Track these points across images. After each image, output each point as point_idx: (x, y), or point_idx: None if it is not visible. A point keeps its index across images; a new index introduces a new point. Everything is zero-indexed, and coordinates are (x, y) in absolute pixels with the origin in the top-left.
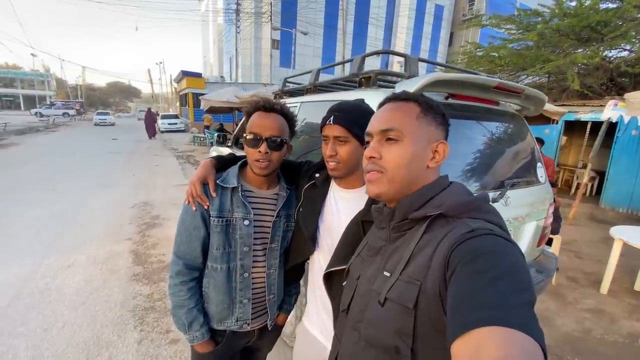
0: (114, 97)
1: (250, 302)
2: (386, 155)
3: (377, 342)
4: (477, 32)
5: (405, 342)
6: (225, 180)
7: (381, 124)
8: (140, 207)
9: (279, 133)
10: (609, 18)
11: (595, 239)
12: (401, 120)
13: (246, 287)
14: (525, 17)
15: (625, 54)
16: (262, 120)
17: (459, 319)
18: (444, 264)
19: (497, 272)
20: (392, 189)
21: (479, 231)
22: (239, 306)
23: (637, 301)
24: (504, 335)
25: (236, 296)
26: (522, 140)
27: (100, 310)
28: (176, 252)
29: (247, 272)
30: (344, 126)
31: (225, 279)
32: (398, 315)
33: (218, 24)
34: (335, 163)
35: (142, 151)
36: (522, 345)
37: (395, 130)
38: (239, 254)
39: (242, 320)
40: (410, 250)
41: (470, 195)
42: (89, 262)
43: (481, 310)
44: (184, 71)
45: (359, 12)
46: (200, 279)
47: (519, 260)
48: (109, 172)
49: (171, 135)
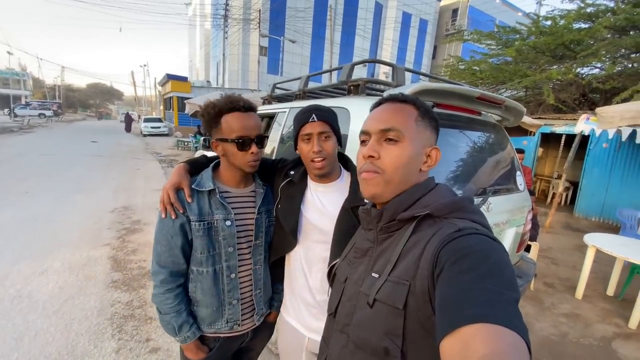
0: (95, 98)
1: (240, 302)
2: (385, 156)
3: (366, 344)
4: (460, 46)
5: (395, 342)
6: (200, 184)
7: (381, 124)
8: (120, 211)
9: (262, 130)
10: (581, 37)
11: (569, 246)
12: (402, 121)
13: (234, 287)
14: (505, 34)
15: (597, 71)
16: (245, 121)
17: (447, 318)
18: (432, 263)
19: (483, 271)
20: (388, 191)
21: (466, 230)
22: (229, 307)
23: (610, 306)
24: (491, 332)
25: (225, 298)
26: (503, 150)
27: (75, 318)
28: (158, 261)
29: (234, 272)
30: (327, 122)
31: (212, 281)
32: (387, 316)
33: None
34: (322, 159)
35: (124, 154)
36: (509, 341)
37: (396, 131)
38: (224, 256)
39: (233, 321)
40: (398, 251)
41: (456, 196)
42: (63, 268)
43: (468, 308)
44: (169, 74)
45: (347, 23)
46: (186, 284)
47: (504, 258)
48: (88, 175)
49: (154, 139)
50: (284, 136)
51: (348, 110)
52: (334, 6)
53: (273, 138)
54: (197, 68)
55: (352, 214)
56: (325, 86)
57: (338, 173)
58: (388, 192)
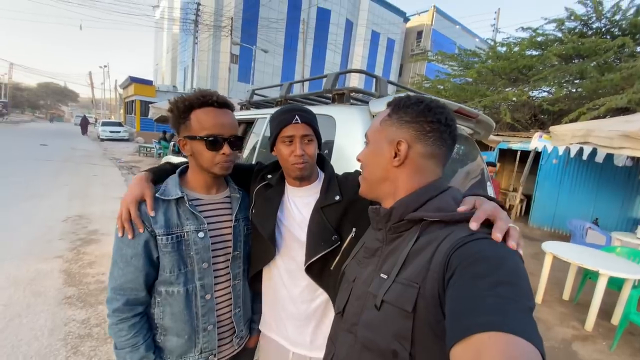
0: (45, 99)
1: (216, 327)
2: (359, 157)
3: (374, 345)
4: (424, 65)
5: (404, 345)
6: (165, 192)
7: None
8: (74, 220)
9: (237, 130)
10: (533, 63)
11: (526, 254)
12: (371, 126)
13: (209, 310)
14: (465, 56)
15: (546, 94)
16: (218, 118)
17: (459, 324)
18: (444, 266)
19: (497, 277)
20: (365, 186)
21: (478, 234)
22: (203, 335)
23: (567, 309)
24: (504, 341)
25: (198, 323)
26: (474, 161)
27: (23, 339)
28: (113, 287)
29: (209, 292)
30: (311, 125)
31: (184, 304)
32: (396, 319)
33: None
34: (304, 163)
35: (78, 159)
36: (522, 351)
37: (367, 136)
38: (197, 273)
39: (208, 351)
40: (405, 252)
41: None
42: (8, 284)
43: (481, 316)
44: (132, 77)
45: (318, 36)
46: (146, 313)
47: (519, 265)
48: (36, 180)
49: (113, 144)
50: (263, 143)
51: (334, 118)
52: (307, 20)
53: (251, 145)
54: (163, 72)
55: (322, 214)
56: (309, 94)
57: (316, 175)
58: (365, 188)
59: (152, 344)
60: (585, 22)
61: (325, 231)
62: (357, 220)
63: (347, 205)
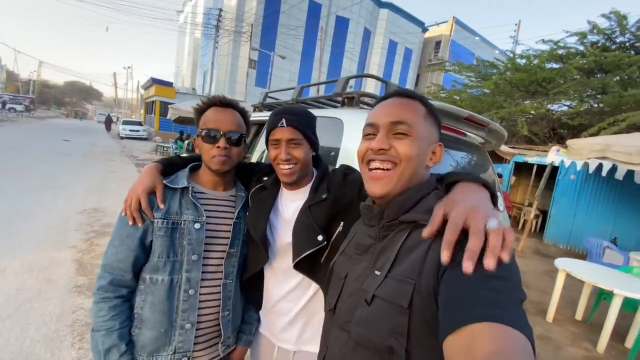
0: (71, 96)
1: (195, 327)
2: (398, 148)
3: (368, 342)
4: (441, 76)
5: (400, 341)
6: (174, 181)
7: (390, 116)
8: (89, 213)
9: (237, 128)
10: (553, 76)
11: (539, 270)
12: (411, 116)
13: (190, 307)
14: (483, 68)
15: (566, 108)
16: (219, 115)
17: (452, 316)
18: (438, 261)
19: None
20: (399, 186)
21: None
22: (179, 332)
23: (578, 329)
24: (496, 331)
25: (177, 318)
26: (485, 171)
27: (32, 323)
28: (103, 264)
29: (194, 288)
30: (298, 128)
31: (165, 294)
32: (391, 315)
33: (195, 37)
34: (291, 166)
35: (97, 155)
36: (514, 340)
37: (406, 125)
38: (185, 265)
39: (182, 352)
40: (396, 249)
41: None
42: (23, 269)
43: (475, 307)
44: (153, 78)
45: (336, 44)
46: (129, 299)
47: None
48: (57, 173)
49: (132, 142)
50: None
51: (342, 121)
52: (325, 28)
53: (262, 146)
54: (184, 75)
55: (309, 213)
56: (319, 97)
57: (310, 177)
58: (399, 188)
59: (126, 335)
60: (609, 36)
61: (311, 231)
62: (345, 214)
63: (333, 200)
